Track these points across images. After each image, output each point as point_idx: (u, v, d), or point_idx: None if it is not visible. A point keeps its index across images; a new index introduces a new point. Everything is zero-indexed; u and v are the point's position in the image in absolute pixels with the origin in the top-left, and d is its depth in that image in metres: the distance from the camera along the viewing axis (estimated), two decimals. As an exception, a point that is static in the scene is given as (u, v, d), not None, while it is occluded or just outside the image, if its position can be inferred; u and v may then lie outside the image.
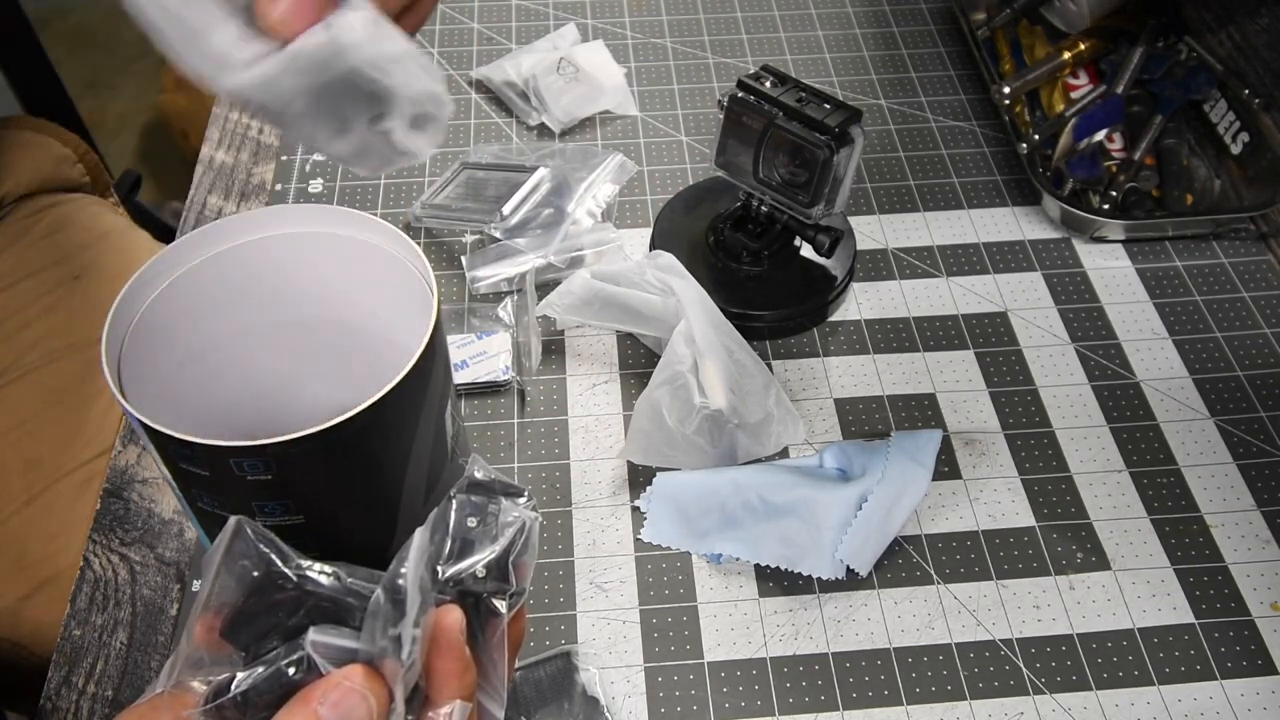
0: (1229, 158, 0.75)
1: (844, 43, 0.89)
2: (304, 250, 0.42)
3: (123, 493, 0.62)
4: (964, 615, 0.56)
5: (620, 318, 0.63)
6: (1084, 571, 0.57)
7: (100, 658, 0.55)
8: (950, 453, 0.62)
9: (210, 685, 0.32)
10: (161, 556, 0.59)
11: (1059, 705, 0.52)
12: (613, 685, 0.53)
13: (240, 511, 0.33)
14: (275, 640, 0.32)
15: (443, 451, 0.41)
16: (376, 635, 0.31)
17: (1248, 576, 0.57)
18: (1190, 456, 0.62)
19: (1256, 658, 0.54)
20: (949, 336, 0.68)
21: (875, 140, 0.80)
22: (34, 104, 1.28)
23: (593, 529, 0.59)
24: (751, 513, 0.57)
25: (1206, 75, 0.77)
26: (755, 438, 0.61)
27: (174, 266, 0.40)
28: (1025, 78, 0.79)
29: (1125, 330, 0.68)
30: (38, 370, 0.76)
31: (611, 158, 0.76)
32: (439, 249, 0.73)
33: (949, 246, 0.73)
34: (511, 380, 0.65)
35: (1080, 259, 0.72)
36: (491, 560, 0.34)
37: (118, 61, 2.09)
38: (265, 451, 0.34)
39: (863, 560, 0.55)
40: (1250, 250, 0.73)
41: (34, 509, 0.71)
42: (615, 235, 0.72)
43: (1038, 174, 0.74)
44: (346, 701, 0.31)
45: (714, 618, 0.56)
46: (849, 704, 0.53)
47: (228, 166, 0.79)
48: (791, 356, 0.67)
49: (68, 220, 0.84)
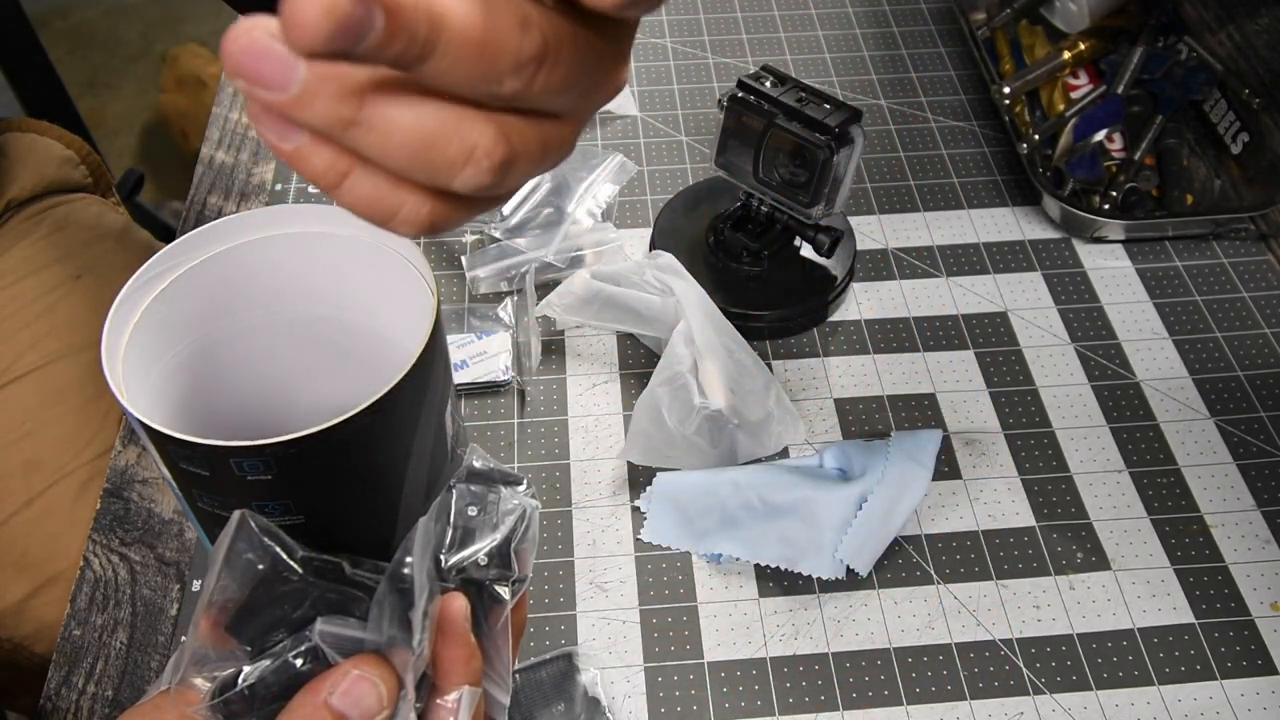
0: (1229, 158, 0.75)
1: (844, 43, 0.89)
2: (304, 250, 0.42)
3: (123, 493, 0.62)
4: (964, 615, 0.56)
5: (620, 318, 0.63)
6: (1084, 571, 0.57)
7: (100, 658, 0.55)
8: (950, 453, 0.62)
9: (216, 681, 0.32)
10: (161, 556, 0.59)
11: (1059, 705, 0.52)
12: (613, 685, 0.53)
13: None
14: (281, 634, 0.32)
15: (443, 451, 0.41)
16: (383, 624, 0.31)
17: (1248, 576, 0.57)
18: (1190, 456, 0.62)
19: (1256, 658, 0.54)
20: (949, 336, 0.68)
21: (875, 140, 0.80)
22: (34, 104, 1.28)
23: (593, 529, 0.59)
24: (751, 513, 0.57)
25: (1206, 75, 0.77)
26: (755, 438, 0.61)
27: (174, 266, 0.40)
28: (1025, 78, 0.79)
29: (1125, 330, 0.68)
30: (38, 370, 0.76)
31: (611, 158, 0.76)
32: (439, 249, 0.73)
33: (949, 246, 0.73)
34: (511, 380, 0.65)
35: (1080, 259, 0.72)
36: (493, 548, 0.34)
37: (118, 61, 2.10)
38: (265, 451, 0.34)
39: (863, 560, 0.55)
40: (1250, 250, 0.73)
41: (34, 509, 0.71)
42: (615, 235, 0.72)
43: (1038, 174, 0.74)
44: (356, 690, 0.31)
45: (714, 618, 0.56)
46: (849, 704, 0.53)
47: (228, 166, 0.79)
48: (791, 356, 0.67)
49: (69, 220, 0.84)
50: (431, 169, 0.24)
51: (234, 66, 0.22)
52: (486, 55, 0.23)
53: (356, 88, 0.23)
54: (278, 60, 0.22)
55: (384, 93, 0.23)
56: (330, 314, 0.45)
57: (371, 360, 0.45)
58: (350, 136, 0.23)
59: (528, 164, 0.26)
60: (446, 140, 0.24)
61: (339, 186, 0.25)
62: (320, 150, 0.24)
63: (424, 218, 0.25)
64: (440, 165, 0.24)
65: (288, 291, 0.44)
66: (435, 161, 0.24)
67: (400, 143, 0.24)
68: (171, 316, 0.41)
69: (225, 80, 0.85)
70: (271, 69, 0.22)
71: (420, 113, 0.23)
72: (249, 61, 0.22)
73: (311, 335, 0.45)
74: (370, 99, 0.23)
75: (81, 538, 0.65)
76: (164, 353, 0.41)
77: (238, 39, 0.22)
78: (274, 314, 0.44)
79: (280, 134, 0.24)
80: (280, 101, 0.23)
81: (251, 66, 0.22)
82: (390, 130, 0.23)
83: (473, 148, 0.24)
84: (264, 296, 0.43)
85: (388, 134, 0.23)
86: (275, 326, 0.45)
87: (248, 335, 0.44)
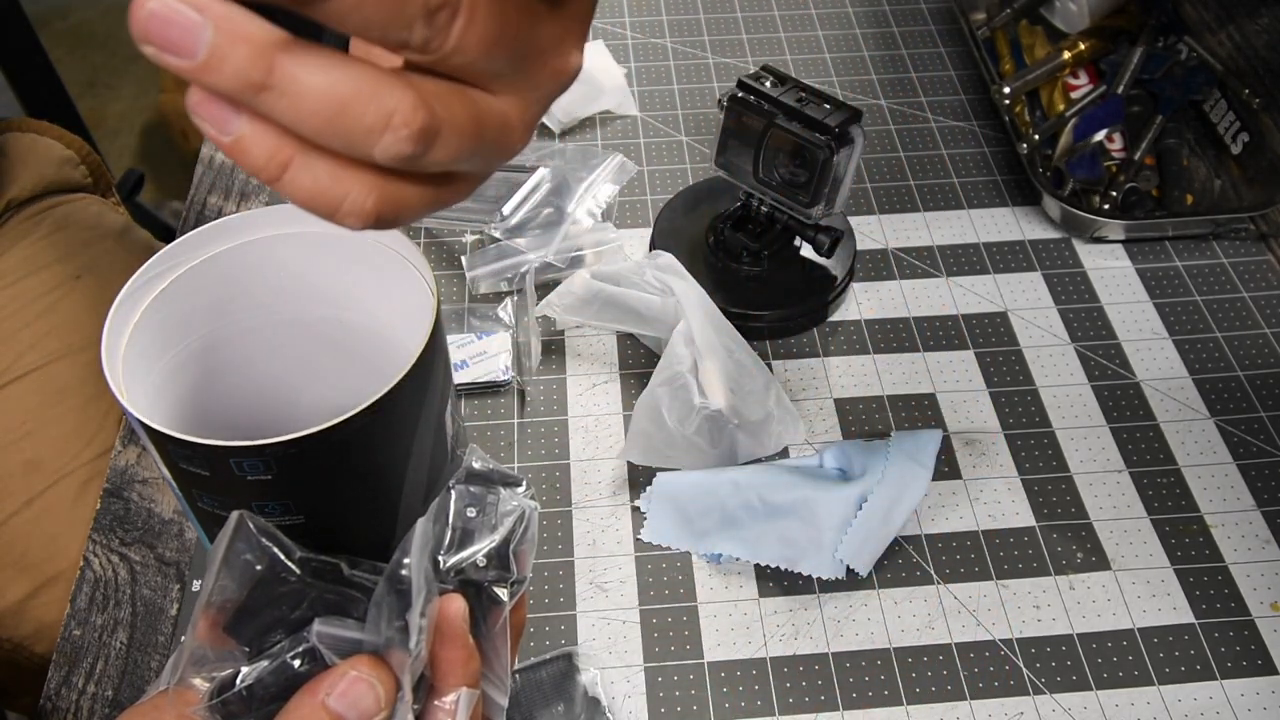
0: (1229, 158, 0.75)
1: (844, 43, 0.89)
2: (304, 250, 0.42)
3: (123, 493, 0.62)
4: (964, 615, 0.56)
5: (620, 318, 0.63)
6: (1084, 571, 0.57)
7: (100, 658, 0.55)
8: (950, 453, 0.62)
9: (214, 681, 0.32)
10: (161, 556, 0.59)
11: (1059, 705, 0.52)
12: (613, 685, 0.53)
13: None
14: (279, 634, 0.32)
15: (443, 451, 0.41)
16: (381, 625, 0.31)
17: (1248, 576, 0.57)
18: (1190, 456, 0.62)
19: (1256, 658, 0.54)
20: (949, 336, 0.68)
21: (875, 140, 0.80)
22: (34, 104, 1.28)
23: (593, 529, 0.59)
24: (751, 513, 0.57)
25: (1206, 75, 0.77)
26: (755, 438, 0.61)
27: (174, 266, 0.40)
28: (1025, 78, 0.79)
29: (1125, 330, 0.68)
30: (38, 370, 0.76)
31: (611, 158, 0.76)
32: (439, 249, 0.73)
33: (949, 246, 0.73)
34: (511, 380, 0.65)
35: (1080, 259, 0.72)
36: (492, 549, 0.34)
37: (118, 61, 2.10)
38: (265, 451, 0.34)
39: (863, 560, 0.55)
40: (1250, 250, 0.73)
41: (34, 509, 0.71)
42: (615, 235, 0.72)
43: (1038, 174, 0.74)
44: (354, 691, 0.31)
45: (714, 618, 0.56)
46: (849, 704, 0.53)
47: (228, 166, 0.79)
48: (791, 356, 0.67)
49: (69, 220, 0.84)
50: (347, 136, 0.23)
51: (141, 32, 0.22)
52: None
53: (265, 47, 0.22)
54: (183, 24, 0.22)
55: (294, 53, 0.23)
56: (330, 314, 0.45)
57: (371, 360, 0.45)
58: (262, 102, 0.23)
59: (456, 136, 0.25)
60: (363, 105, 0.23)
61: (280, 179, 0.24)
62: (260, 141, 0.24)
63: (370, 208, 0.25)
64: (356, 132, 0.23)
65: (288, 291, 0.44)
66: (350, 128, 0.23)
67: (313, 108, 0.23)
68: (171, 316, 0.41)
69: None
70: (178, 34, 0.22)
71: (333, 76, 0.23)
72: (155, 26, 0.22)
73: (312, 335, 0.45)
74: (280, 60, 0.22)
75: (81, 538, 0.65)
76: (164, 353, 0.41)
77: (144, 5, 0.22)
78: (274, 314, 0.44)
79: (219, 124, 0.23)
80: (189, 68, 0.22)
81: (159, 32, 0.22)
82: (302, 94, 0.23)
83: (390, 113, 0.23)
84: (264, 296, 0.43)
85: (299, 97, 0.23)
86: (275, 326, 0.45)
87: (248, 335, 0.44)
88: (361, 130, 0.23)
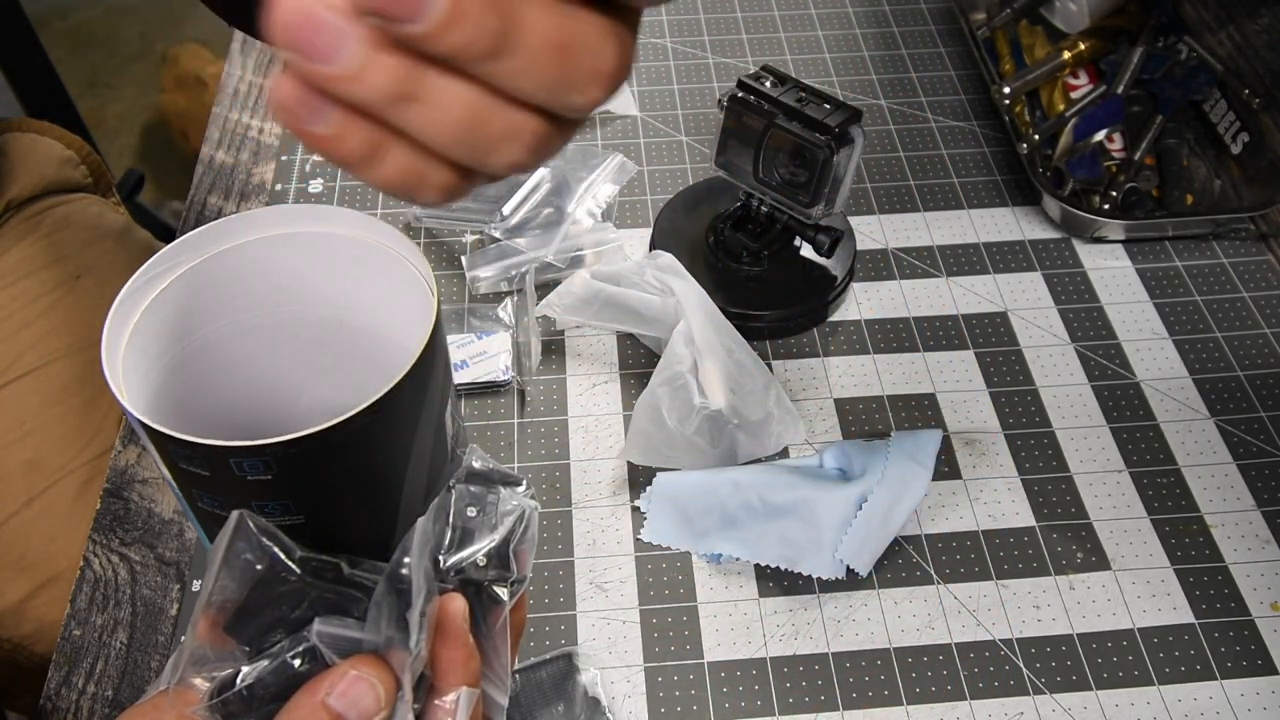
0: (1229, 158, 0.75)
1: (844, 43, 0.89)
2: (304, 250, 0.42)
3: (123, 493, 0.62)
4: (964, 615, 0.56)
5: (620, 318, 0.63)
6: (1084, 571, 0.57)
7: (100, 658, 0.55)
8: (950, 453, 0.62)
9: (214, 681, 0.32)
10: (161, 556, 0.59)
11: (1059, 705, 0.52)
12: (613, 685, 0.53)
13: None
14: (279, 634, 0.32)
15: (443, 452, 0.41)
16: (381, 625, 0.31)
17: (1248, 576, 0.57)
18: (1190, 456, 0.62)
19: (1256, 658, 0.54)
20: (949, 336, 0.68)
21: (875, 140, 0.80)
22: (34, 104, 1.28)
23: (593, 529, 0.59)
24: (751, 513, 0.57)
25: (1206, 75, 0.77)
26: (755, 438, 0.61)
27: (174, 266, 0.40)
28: (1025, 78, 0.79)
29: (1125, 330, 0.68)
30: (38, 370, 0.76)
31: (611, 158, 0.77)
32: (439, 249, 0.73)
33: (949, 246, 0.73)
34: (511, 380, 0.65)
35: (1080, 259, 0.72)
36: (492, 549, 0.34)
37: (118, 61, 2.10)
38: (265, 451, 0.34)
39: (863, 560, 0.55)
40: (1250, 250, 0.73)
41: (34, 509, 0.71)
42: (615, 235, 0.72)
43: (1038, 174, 0.74)
44: (354, 690, 0.31)
45: (714, 618, 0.56)
46: (849, 704, 0.53)
47: (228, 166, 0.79)
48: (791, 356, 0.67)
49: (69, 220, 0.84)
50: (474, 147, 0.24)
51: (285, 37, 0.21)
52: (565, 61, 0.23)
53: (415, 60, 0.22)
54: (330, 30, 0.21)
55: (438, 67, 0.23)
56: (330, 314, 0.45)
57: (371, 360, 0.45)
58: (399, 110, 0.23)
59: (560, 146, 0.26)
60: (495, 117, 0.23)
61: (370, 167, 0.24)
62: (356, 133, 0.24)
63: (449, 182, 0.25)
64: (482, 143, 0.24)
65: (288, 291, 0.44)
66: (479, 139, 0.24)
67: (453, 119, 0.23)
68: (171, 316, 0.41)
69: (225, 80, 0.85)
70: (324, 39, 0.21)
71: (473, 89, 0.23)
72: (303, 32, 0.21)
73: (311, 335, 0.45)
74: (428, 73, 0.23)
75: (81, 538, 0.65)
76: (164, 353, 0.41)
77: (287, 8, 0.21)
78: (274, 314, 0.44)
79: (313, 117, 0.23)
80: (329, 73, 0.22)
81: (306, 38, 0.21)
82: (445, 105, 0.23)
83: (518, 125, 0.24)
84: (264, 296, 0.43)
85: (441, 108, 0.23)
86: (275, 326, 0.45)
87: (248, 335, 0.44)
88: (487, 141, 0.24)
